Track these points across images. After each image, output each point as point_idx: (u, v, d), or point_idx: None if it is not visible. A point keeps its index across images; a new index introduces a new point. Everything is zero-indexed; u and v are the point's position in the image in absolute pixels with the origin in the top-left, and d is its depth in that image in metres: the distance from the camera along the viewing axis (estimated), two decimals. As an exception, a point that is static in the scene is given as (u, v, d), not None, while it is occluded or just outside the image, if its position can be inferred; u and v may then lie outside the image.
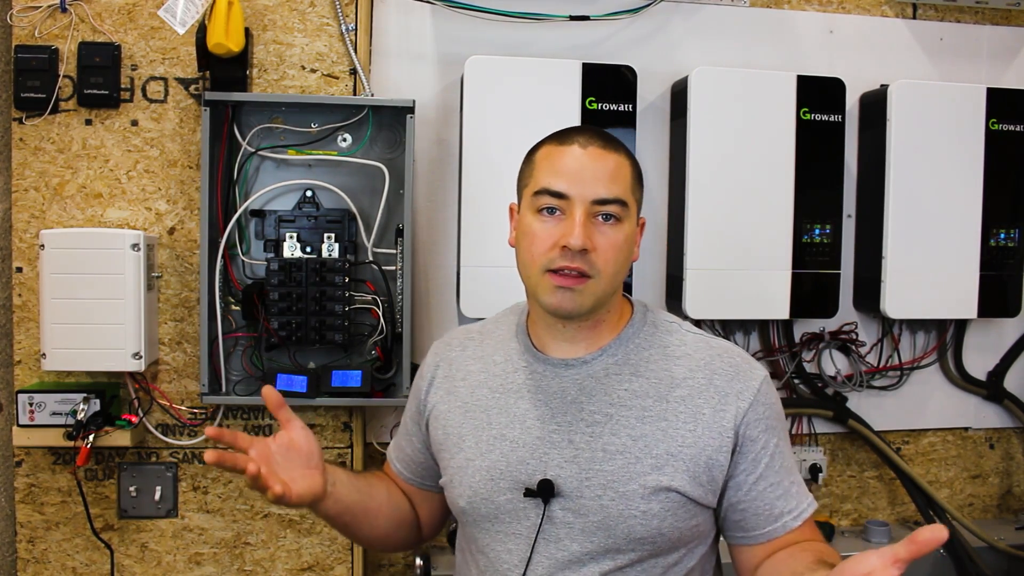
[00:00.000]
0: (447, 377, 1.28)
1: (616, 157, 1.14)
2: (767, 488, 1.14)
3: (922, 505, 2.06)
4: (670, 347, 1.19)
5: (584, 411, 1.15)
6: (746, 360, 1.19)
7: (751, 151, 1.89)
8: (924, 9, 2.12)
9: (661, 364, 1.17)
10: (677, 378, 1.16)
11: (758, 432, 1.14)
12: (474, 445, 1.19)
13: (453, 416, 1.24)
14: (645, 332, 1.21)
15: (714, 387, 1.15)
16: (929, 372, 2.16)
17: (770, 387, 1.18)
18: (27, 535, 1.84)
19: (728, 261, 1.91)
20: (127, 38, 1.83)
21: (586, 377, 1.17)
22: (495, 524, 1.17)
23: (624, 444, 1.12)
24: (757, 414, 1.14)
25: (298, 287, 1.79)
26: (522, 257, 1.17)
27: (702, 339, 1.21)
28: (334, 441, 1.92)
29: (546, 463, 1.14)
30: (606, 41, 1.99)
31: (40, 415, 1.75)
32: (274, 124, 1.85)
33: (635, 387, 1.15)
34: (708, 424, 1.13)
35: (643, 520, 1.10)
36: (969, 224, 1.99)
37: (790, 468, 1.17)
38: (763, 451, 1.14)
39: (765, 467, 1.14)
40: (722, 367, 1.16)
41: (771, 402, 1.17)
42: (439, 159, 1.96)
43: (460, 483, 1.20)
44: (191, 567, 1.89)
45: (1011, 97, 1.99)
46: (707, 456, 1.12)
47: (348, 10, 1.89)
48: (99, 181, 1.84)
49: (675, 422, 1.13)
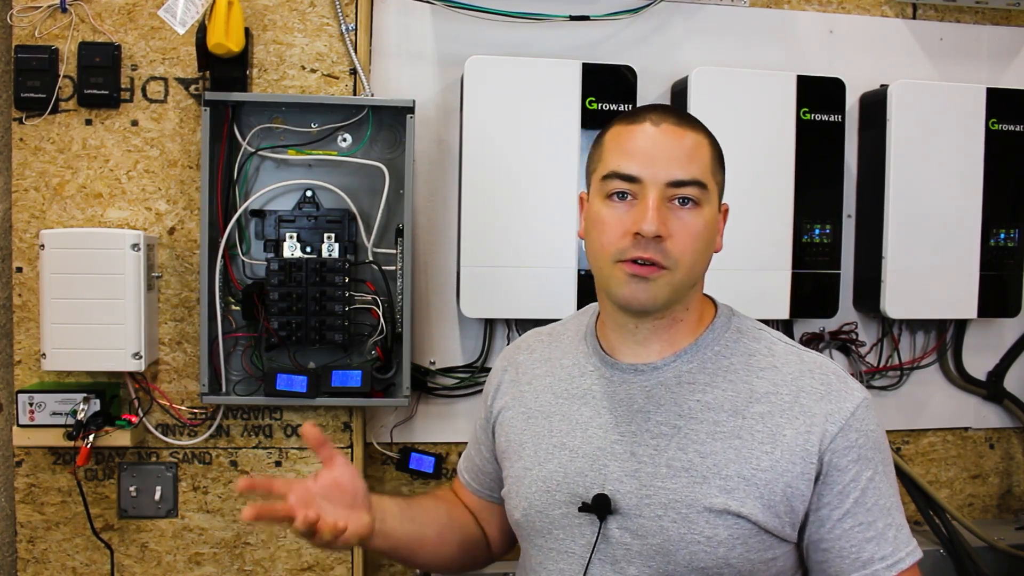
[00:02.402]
0: (514, 382, 1.20)
1: (694, 135, 1.05)
2: (855, 528, 1.00)
3: (922, 505, 2.06)
4: (755, 356, 1.07)
5: (650, 421, 1.05)
6: (842, 379, 1.05)
7: (751, 151, 1.89)
8: (924, 9, 2.12)
9: (742, 375, 1.05)
10: (758, 392, 1.03)
11: (848, 462, 1.00)
12: (533, 453, 1.11)
13: (516, 422, 1.16)
14: (728, 338, 1.09)
15: (800, 406, 1.02)
16: (929, 372, 2.16)
17: (868, 412, 1.04)
18: (27, 535, 1.84)
19: (728, 261, 1.90)
20: (127, 38, 1.83)
21: (656, 384, 1.06)
22: (548, 540, 1.09)
23: (691, 461, 1.01)
24: (848, 441, 1.00)
25: (298, 287, 1.79)
26: (591, 248, 1.08)
27: (794, 351, 1.09)
28: (334, 441, 1.92)
29: (605, 476, 1.04)
30: (606, 41, 1.99)
31: (40, 415, 1.75)
32: (274, 124, 1.85)
33: (709, 398, 1.04)
34: (789, 447, 1.00)
35: (707, 547, 0.99)
36: (969, 224, 1.98)
37: (888, 508, 1.02)
38: (852, 484, 1.00)
39: (854, 503, 1.00)
40: (812, 384, 1.03)
41: (868, 429, 1.02)
42: (439, 159, 1.96)
43: (517, 494, 1.12)
44: (191, 567, 1.89)
45: (1011, 97, 1.98)
46: (785, 483, 0.99)
47: (348, 10, 1.89)
48: (99, 181, 1.84)
49: (750, 441, 1.01)
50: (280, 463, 1.91)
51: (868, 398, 1.05)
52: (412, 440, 1.98)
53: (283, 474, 1.90)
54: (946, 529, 2.00)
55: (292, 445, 1.91)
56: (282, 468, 1.90)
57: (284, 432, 1.91)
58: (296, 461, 1.91)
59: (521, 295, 1.84)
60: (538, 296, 1.85)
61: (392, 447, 1.97)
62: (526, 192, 1.83)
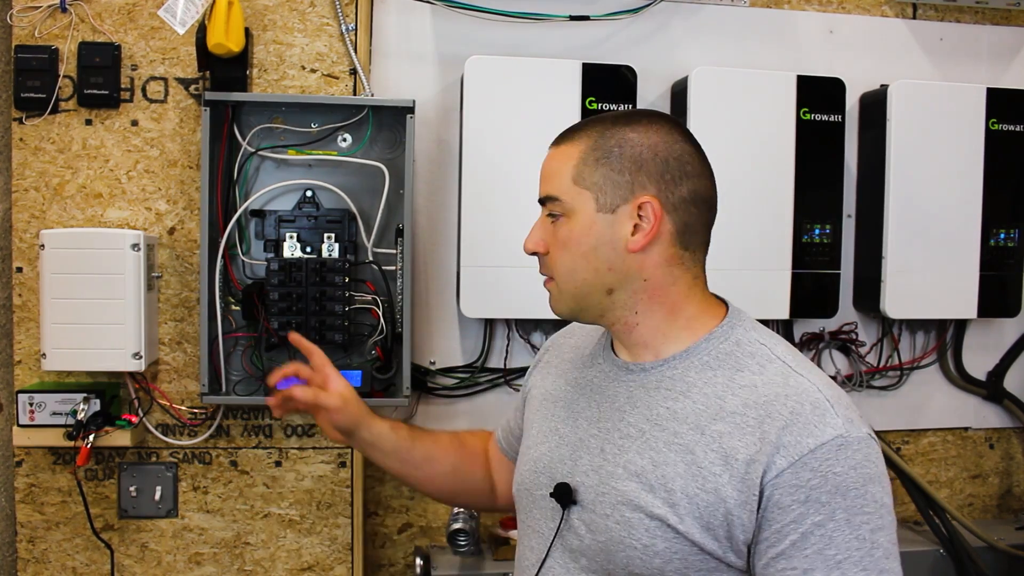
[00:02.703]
0: (547, 363, 1.27)
1: (565, 148, 1.07)
2: (787, 571, 0.91)
3: (922, 505, 2.06)
4: (741, 372, 1.01)
5: (623, 421, 1.05)
6: (819, 412, 0.94)
7: (751, 151, 1.89)
8: (924, 9, 2.12)
9: (719, 390, 1.00)
10: (726, 410, 0.98)
11: (792, 501, 0.91)
12: (536, 435, 1.17)
13: (534, 402, 1.23)
14: (721, 349, 1.04)
15: (761, 432, 0.94)
16: (929, 372, 2.16)
17: (840, 453, 0.91)
18: (27, 535, 1.84)
19: (728, 261, 1.91)
20: (127, 38, 1.83)
21: (638, 386, 1.06)
22: (528, 518, 1.15)
23: (644, 467, 1.00)
24: (798, 480, 0.91)
25: (298, 287, 1.79)
26: None
27: (784, 372, 0.99)
28: (333, 442, 1.91)
29: (577, 467, 1.08)
30: (606, 41, 1.99)
31: (40, 415, 1.75)
32: (274, 124, 1.85)
33: (678, 407, 1.01)
34: (738, 473, 0.94)
35: (643, 555, 0.97)
36: (969, 224, 1.99)
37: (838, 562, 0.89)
38: (792, 526, 0.91)
39: (791, 545, 0.91)
40: (780, 411, 0.95)
41: (830, 471, 0.91)
42: (439, 159, 1.96)
43: (517, 470, 1.19)
44: (191, 567, 1.89)
45: (1011, 97, 1.99)
46: (727, 509, 0.94)
47: (348, 10, 1.89)
48: (99, 181, 1.84)
49: (703, 459, 0.96)
50: (280, 463, 1.91)
51: (847, 438, 0.92)
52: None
53: (283, 474, 1.91)
54: (946, 529, 2.00)
55: (292, 445, 1.91)
56: (282, 468, 1.90)
57: (284, 432, 1.91)
58: (296, 461, 1.91)
59: (521, 295, 1.84)
60: (538, 296, 1.84)
61: (392, 447, 1.97)
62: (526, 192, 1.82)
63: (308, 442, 1.91)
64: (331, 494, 1.92)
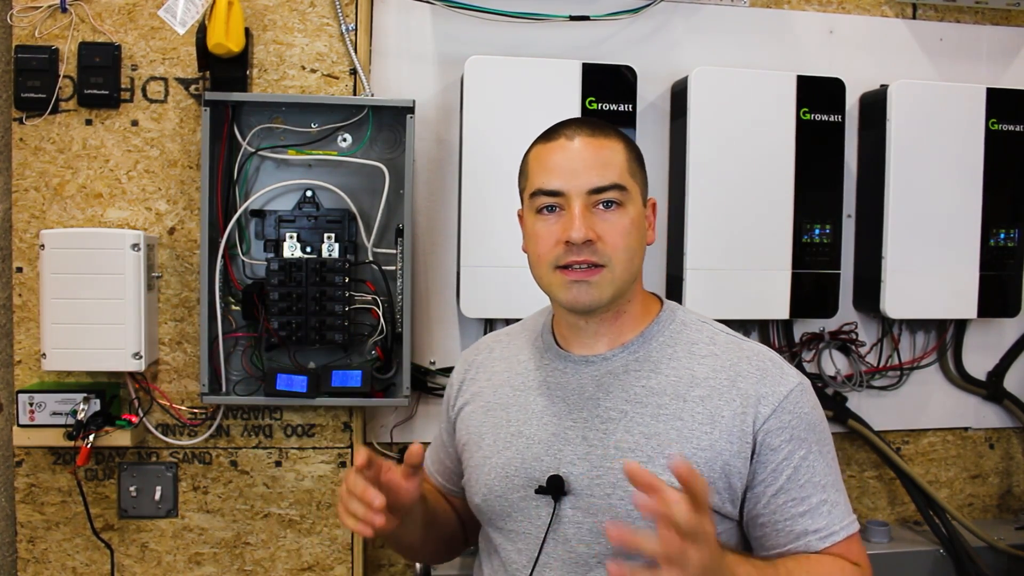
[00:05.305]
0: (473, 380, 1.28)
1: (607, 142, 1.13)
2: (788, 503, 1.08)
3: (922, 505, 2.06)
4: (697, 345, 1.15)
5: (600, 407, 1.12)
6: (777, 365, 1.13)
7: (751, 151, 1.89)
8: (924, 9, 2.12)
9: (684, 363, 1.13)
10: (698, 377, 1.11)
11: (780, 441, 1.08)
12: (492, 443, 1.19)
13: (476, 416, 1.24)
14: (672, 329, 1.17)
15: (737, 389, 1.10)
16: (929, 372, 2.16)
17: (804, 396, 1.11)
18: (27, 535, 1.84)
19: (728, 261, 1.91)
20: (127, 38, 1.83)
21: (605, 373, 1.14)
22: (508, 523, 1.16)
23: (636, 442, 1.09)
24: (781, 422, 1.08)
25: (298, 287, 1.79)
26: (531, 260, 1.17)
27: (734, 340, 1.16)
28: (334, 441, 1.92)
29: (559, 460, 1.12)
30: (606, 41, 1.99)
31: (40, 415, 1.75)
32: (274, 124, 1.85)
33: (653, 384, 1.12)
34: (727, 427, 1.08)
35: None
36: (969, 224, 1.99)
37: (823, 485, 1.09)
38: (785, 463, 1.08)
39: (787, 479, 1.08)
40: (748, 369, 1.11)
41: (802, 412, 1.10)
42: (439, 159, 1.96)
43: (477, 480, 1.19)
44: (191, 567, 1.89)
45: (1011, 97, 1.99)
46: (724, 461, 1.07)
47: (348, 10, 1.89)
48: (99, 181, 1.84)
49: (691, 422, 1.08)
50: (280, 463, 1.91)
51: (804, 383, 1.12)
52: (412, 440, 1.97)
53: (283, 474, 1.90)
54: (946, 529, 2.00)
55: (292, 445, 1.91)
56: (282, 468, 1.90)
57: (284, 432, 1.91)
58: (296, 461, 1.91)
59: (521, 295, 1.82)
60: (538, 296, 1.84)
61: (392, 447, 1.97)
62: (526, 192, 1.83)
63: (308, 442, 1.91)
64: (331, 494, 1.92)
